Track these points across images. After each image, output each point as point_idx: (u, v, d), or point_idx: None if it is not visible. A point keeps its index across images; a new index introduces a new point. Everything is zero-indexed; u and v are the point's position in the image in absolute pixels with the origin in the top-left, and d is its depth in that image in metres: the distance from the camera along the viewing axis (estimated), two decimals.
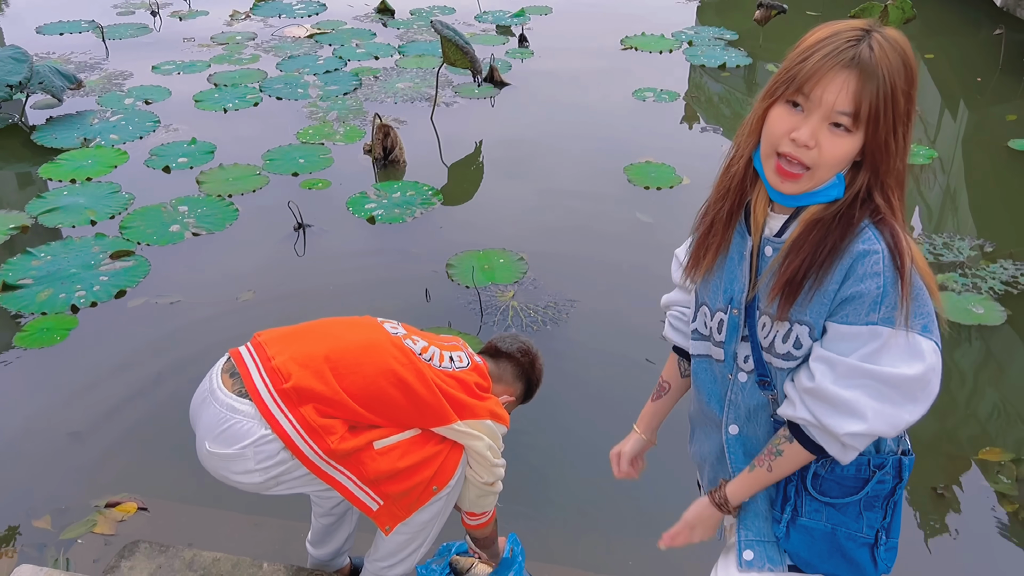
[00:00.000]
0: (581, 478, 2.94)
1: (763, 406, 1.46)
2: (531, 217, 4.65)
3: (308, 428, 1.88)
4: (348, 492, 1.94)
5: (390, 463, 1.93)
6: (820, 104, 1.25)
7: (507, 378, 2.28)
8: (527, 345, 2.34)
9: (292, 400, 1.88)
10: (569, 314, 3.78)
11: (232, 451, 1.87)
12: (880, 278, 1.27)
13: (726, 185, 1.43)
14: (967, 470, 3.04)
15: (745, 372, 1.46)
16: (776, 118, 1.30)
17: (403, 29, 7.77)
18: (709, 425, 1.57)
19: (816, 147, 1.27)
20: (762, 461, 1.45)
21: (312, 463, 1.89)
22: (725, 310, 1.46)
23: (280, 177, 4.99)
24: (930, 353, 1.28)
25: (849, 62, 1.23)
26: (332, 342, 1.99)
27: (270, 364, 1.92)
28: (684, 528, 1.58)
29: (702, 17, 8.33)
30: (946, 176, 5.31)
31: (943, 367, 1.33)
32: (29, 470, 2.98)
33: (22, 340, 3.57)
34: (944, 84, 6.80)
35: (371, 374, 1.94)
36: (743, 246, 1.43)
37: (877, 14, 6.80)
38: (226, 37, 7.48)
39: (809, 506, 1.44)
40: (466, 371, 2.10)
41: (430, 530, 2.11)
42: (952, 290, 3.95)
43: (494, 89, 6.36)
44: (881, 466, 1.42)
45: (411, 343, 2.05)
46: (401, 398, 1.94)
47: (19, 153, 5.37)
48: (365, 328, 2.08)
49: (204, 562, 2.42)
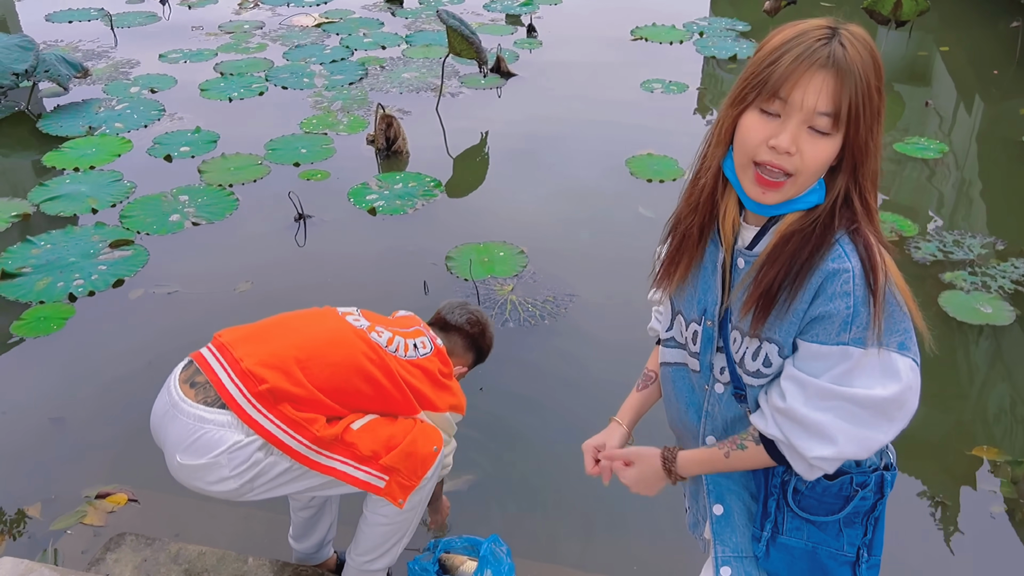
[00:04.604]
0: (580, 477, 2.89)
1: (740, 418, 1.41)
2: (533, 209, 4.60)
3: (291, 423, 1.86)
4: (351, 477, 1.92)
5: (374, 436, 1.95)
6: (800, 107, 1.19)
7: (458, 350, 2.30)
8: (475, 315, 2.34)
9: (269, 401, 1.86)
10: (568, 309, 3.73)
11: (205, 461, 1.84)
12: (850, 298, 1.21)
13: (696, 199, 1.36)
14: (968, 470, 2.98)
15: (722, 384, 1.41)
16: (750, 126, 1.23)
17: (411, 18, 7.72)
18: (687, 436, 1.52)
19: (797, 153, 1.20)
20: (723, 446, 1.40)
21: (306, 457, 1.87)
22: (699, 321, 1.41)
23: (282, 167, 4.96)
24: (906, 371, 1.23)
25: (825, 61, 1.17)
26: (298, 339, 1.97)
27: (240, 367, 1.89)
28: (624, 457, 1.51)
29: (716, 7, 8.24)
30: (959, 171, 5.22)
31: (956, 366, 1.28)
32: (20, 458, 2.97)
33: (19, 328, 3.56)
34: (959, 77, 6.68)
35: (341, 370, 1.94)
36: (716, 257, 1.38)
37: (891, 6, 6.70)
38: (234, 26, 7.46)
39: (790, 523, 1.40)
40: (429, 358, 2.10)
41: (412, 519, 2.09)
42: (961, 288, 3.87)
43: (500, 80, 6.30)
44: (864, 484, 1.37)
45: (376, 336, 2.04)
46: (369, 391, 1.96)
47: (25, 141, 5.37)
48: (328, 321, 2.06)
49: (190, 555, 2.40)
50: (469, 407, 2.23)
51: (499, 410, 3.16)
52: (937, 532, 2.75)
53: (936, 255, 4.14)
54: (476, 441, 2.97)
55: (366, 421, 1.97)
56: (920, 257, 4.12)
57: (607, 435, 1.64)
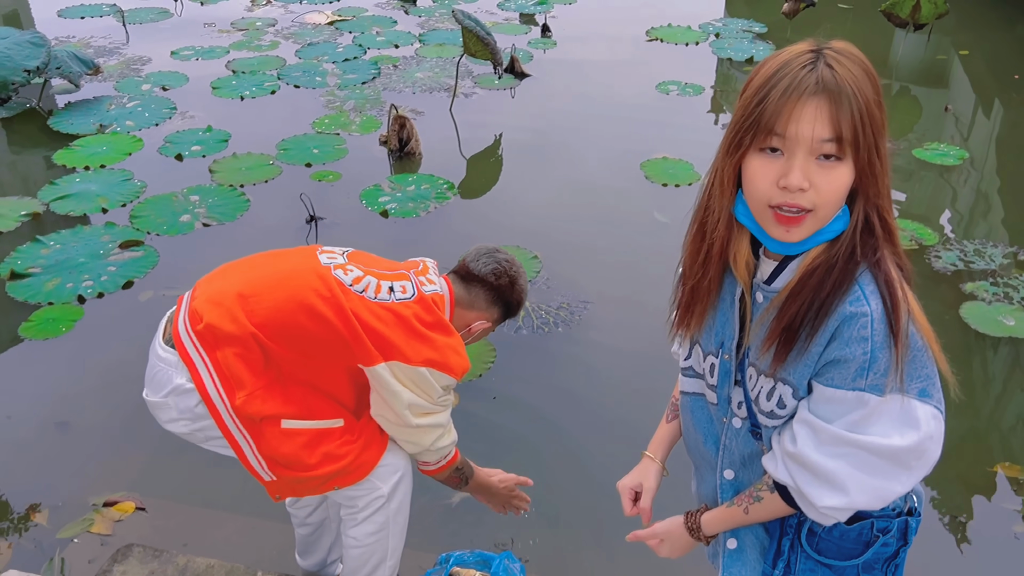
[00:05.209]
0: (596, 489, 2.85)
1: (757, 454, 1.36)
2: (547, 213, 4.54)
3: (222, 375, 1.77)
4: (244, 457, 1.84)
5: (292, 448, 1.81)
6: (799, 140, 1.12)
7: (480, 303, 2.00)
8: (503, 265, 2.02)
9: (208, 342, 1.78)
10: (582, 316, 3.68)
11: (157, 399, 1.85)
12: (868, 343, 1.14)
13: (705, 252, 1.29)
14: (988, 487, 2.92)
15: (739, 418, 1.36)
16: (755, 172, 1.16)
17: (425, 17, 7.66)
18: (705, 466, 1.48)
19: (812, 187, 1.13)
20: (741, 501, 1.37)
21: (220, 417, 1.79)
22: (716, 354, 1.36)
23: (293, 167, 4.92)
24: (927, 420, 1.17)
25: (815, 88, 1.10)
26: (253, 275, 1.86)
27: (191, 305, 1.84)
28: (653, 536, 1.53)
29: (731, 8, 8.15)
30: (979, 178, 5.14)
31: (973, 379, 1.22)
32: (28, 463, 2.94)
33: (27, 330, 3.53)
34: (978, 82, 6.59)
35: (282, 305, 1.78)
36: (733, 290, 1.32)
37: (909, 9, 6.61)
38: (246, 23, 7.42)
39: (803, 564, 1.35)
40: (406, 303, 1.83)
41: (385, 541, 2.01)
42: (982, 300, 3.80)
43: (515, 80, 6.25)
44: (885, 530, 1.31)
45: (342, 274, 1.83)
46: (315, 329, 1.77)
47: (36, 138, 5.34)
48: (295, 257, 1.91)
49: (197, 568, 2.37)
50: (480, 417, 2.13)
51: (511, 420, 3.11)
52: (957, 553, 2.69)
53: (957, 264, 4.06)
54: (488, 452, 2.92)
55: (301, 427, 1.82)
56: (941, 267, 4.05)
57: (642, 474, 1.60)
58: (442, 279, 1.99)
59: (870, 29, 7.29)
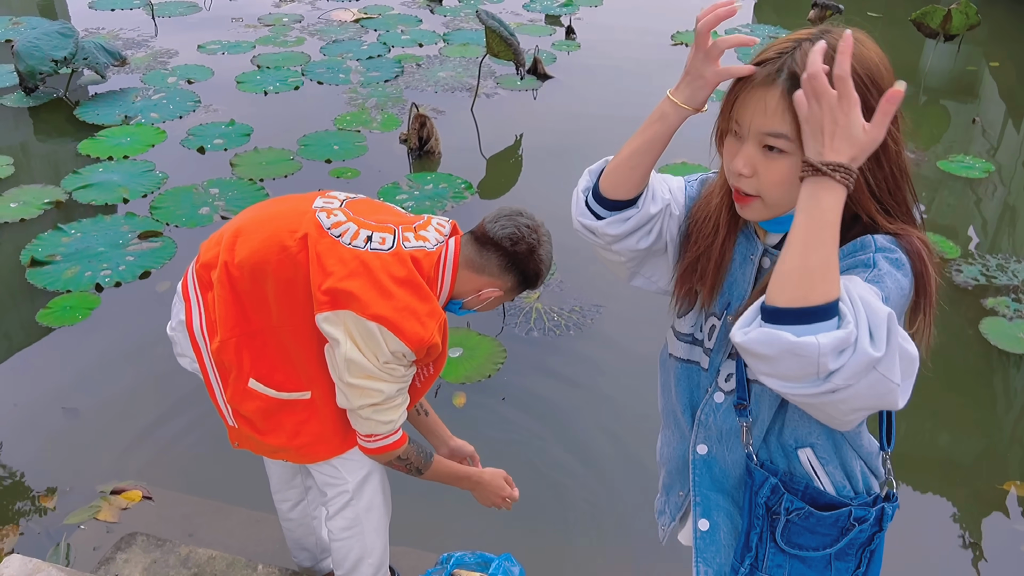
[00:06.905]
0: (603, 492, 2.84)
1: (735, 432, 1.33)
2: (564, 215, 4.51)
3: (208, 316, 1.86)
4: (215, 399, 1.92)
5: (251, 408, 1.86)
6: (748, 128, 1.15)
7: (491, 269, 1.83)
8: (523, 231, 1.83)
9: (203, 281, 1.87)
10: (594, 320, 3.66)
11: (168, 332, 1.98)
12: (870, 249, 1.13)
13: (714, 220, 1.32)
14: (999, 505, 2.87)
15: (723, 392, 1.33)
16: (725, 153, 1.23)
17: (450, 16, 7.68)
18: (676, 430, 1.46)
19: (755, 175, 1.16)
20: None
21: (201, 356, 1.89)
22: (719, 316, 1.34)
23: (313, 163, 4.94)
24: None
25: (766, 79, 1.12)
26: (254, 213, 1.91)
27: (206, 244, 1.93)
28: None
29: (760, 14, 8.10)
30: (1005, 192, 5.06)
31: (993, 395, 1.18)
32: (39, 448, 2.97)
33: (45, 317, 3.57)
34: (1008, 94, 6.49)
35: (261, 243, 1.78)
36: (750, 250, 1.31)
37: (940, 19, 6.52)
38: (273, 18, 7.48)
39: (772, 560, 1.31)
40: (379, 253, 1.73)
41: (362, 536, 2.02)
42: (1003, 316, 3.73)
43: (537, 81, 6.24)
44: (863, 519, 1.27)
45: (324, 217, 1.78)
46: (278, 265, 1.75)
47: (62, 128, 5.41)
48: (295, 200, 1.89)
49: (199, 559, 2.38)
50: (489, 417, 2.09)
51: (520, 421, 3.10)
52: (967, 568, 2.65)
53: (979, 279, 4.00)
54: (495, 452, 2.91)
55: (263, 392, 1.83)
56: (962, 281, 3.98)
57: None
58: (449, 239, 1.87)
59: (900, 38, 7.20)
